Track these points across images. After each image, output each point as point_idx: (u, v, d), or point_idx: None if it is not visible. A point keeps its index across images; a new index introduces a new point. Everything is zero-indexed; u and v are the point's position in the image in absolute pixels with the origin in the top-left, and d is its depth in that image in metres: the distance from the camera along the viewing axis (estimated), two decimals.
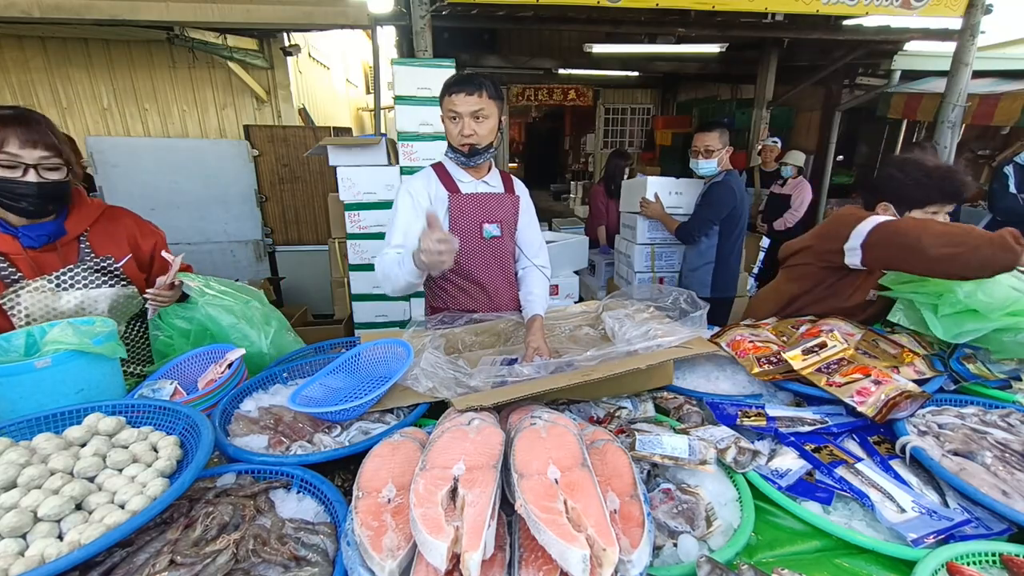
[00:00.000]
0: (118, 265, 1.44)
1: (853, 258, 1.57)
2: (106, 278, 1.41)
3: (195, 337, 1.48)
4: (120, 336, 1.38)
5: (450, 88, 1.54)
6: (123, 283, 1.45)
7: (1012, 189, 3.50)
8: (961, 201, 1.80)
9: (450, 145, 1.63)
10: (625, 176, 4.38)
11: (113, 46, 5.58)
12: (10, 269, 1.27)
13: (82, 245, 1.39)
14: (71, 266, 1.35)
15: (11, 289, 1.24)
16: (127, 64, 5.68)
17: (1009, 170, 3.51)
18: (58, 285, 1.30)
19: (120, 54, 5.64)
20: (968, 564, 0.79)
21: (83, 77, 5.63)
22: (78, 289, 1.32)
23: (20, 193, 1.20)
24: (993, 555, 0.80)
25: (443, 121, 1.61)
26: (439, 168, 1.72)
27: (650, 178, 3.20)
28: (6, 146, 1.16)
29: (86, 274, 1.37)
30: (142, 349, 1.56)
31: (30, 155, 1.18)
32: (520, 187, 1.83)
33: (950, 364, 1.37)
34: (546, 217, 5.23)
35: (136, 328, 1.55)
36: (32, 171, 1.19)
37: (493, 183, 1.75)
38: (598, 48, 6.47)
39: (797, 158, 4.71)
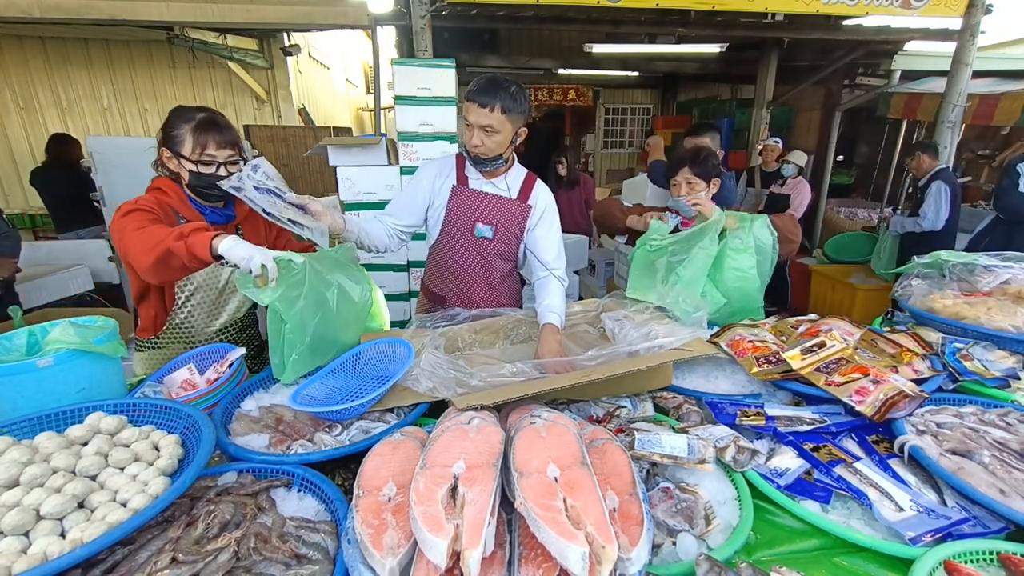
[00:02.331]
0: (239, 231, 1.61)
1: None
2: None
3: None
4: (239, 321, 1.68)
5: (470, 94, 1.55)
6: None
7: (1022, 188, 3.42)
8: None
9: (462, 143, 1.68)
10: (560, 169, 4.57)
11: (113, 46, 5.59)
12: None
13: (238, 232, 1.59)
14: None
15: None
16: (127, 64, 5.69)
17: (1022, 168, 3.40)
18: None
19: (120, 54, 5.64)
20: (966, 562, 0.79)
21: (83, 77, 5.63)
22: (231, 266, 1.43)
23: (212, 187, 1.43)
24: (990, 553, 0.81)
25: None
26: (460, 159, 1.77)
27: (650, 183, 3.19)
28: (207, 148, 1.41)
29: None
30: (251, 334, 1.77)
31: (222, 155, 1.43)
32: (540, 196, 1.80)
33: (947, 360, 1.37)
34: None
35: (249, 314, 1.74)
36: (223, 167, 1.44)
37: (503, 187, 1.76)
38: (598, 48, 6.47)
39: (799, 157, 4.70)
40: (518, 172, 1.80)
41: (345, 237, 1.52)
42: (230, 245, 1.18)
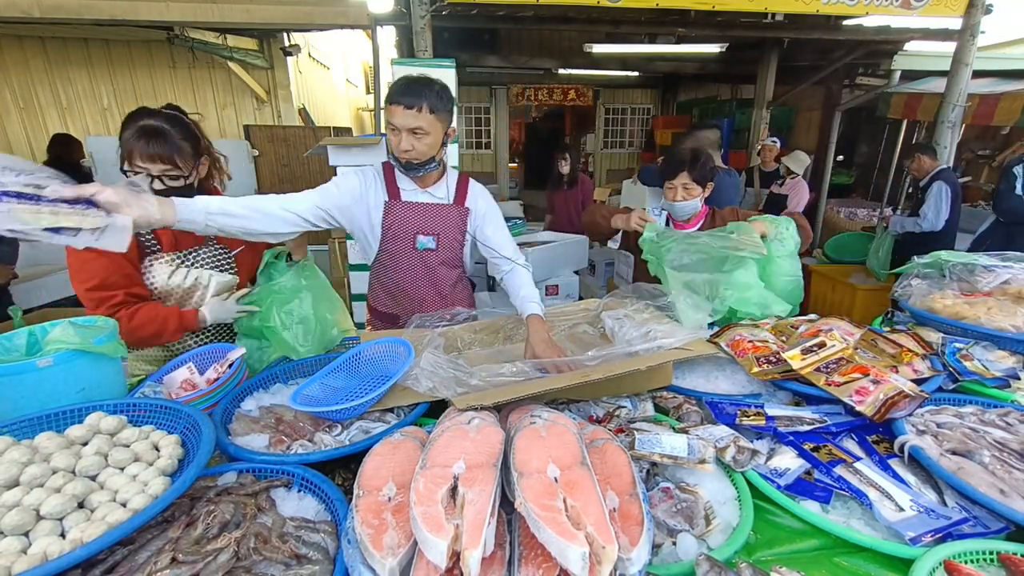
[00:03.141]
0: (231, 254, 1.64)
1: None
2: (219, 263, 1.61)
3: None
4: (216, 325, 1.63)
5: (391, 97, 1.47)
6: (231, 271, 1.63)
7: (1019, 191, 3.43)
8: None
9: (390, 151, 1.56)
10: (563, 167, 4.62)
11: (113, 46, 5.59)
12: (152, 240, 1.48)
13: None
14: (198, 247, 1.55)
15: (148, 256, 1.48)
16: (127, 64, 5.69)
17: (1018, 170, 3.42)
18: (182, 262, 1.52)
19: (120, 54, 5.64)
20: (966, 562, 0.79)
21: (83, 77, 5.63)
22: (196, 268, 1.55)
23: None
24: (991, 553, 0.81)
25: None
26: (388, 169, 1.67)
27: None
28: (132, 159, 1.38)
29: (206, 257, 1.58)
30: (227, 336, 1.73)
31: (154, 168, 1.39)
32: (478, 196, 1.75)
33: (947, 360, 1.37)
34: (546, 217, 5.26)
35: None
36: (157, 180, 1.40)
37: (439, 194, 1.69)
38: (598, 48, 6.48)
39: (798, 162, 4.67)
40: (451, 175, 1.73)
41: (184, 228, 1.24)
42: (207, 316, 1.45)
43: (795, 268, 1.85)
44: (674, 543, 0.85)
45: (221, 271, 1.59)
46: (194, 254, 1.55)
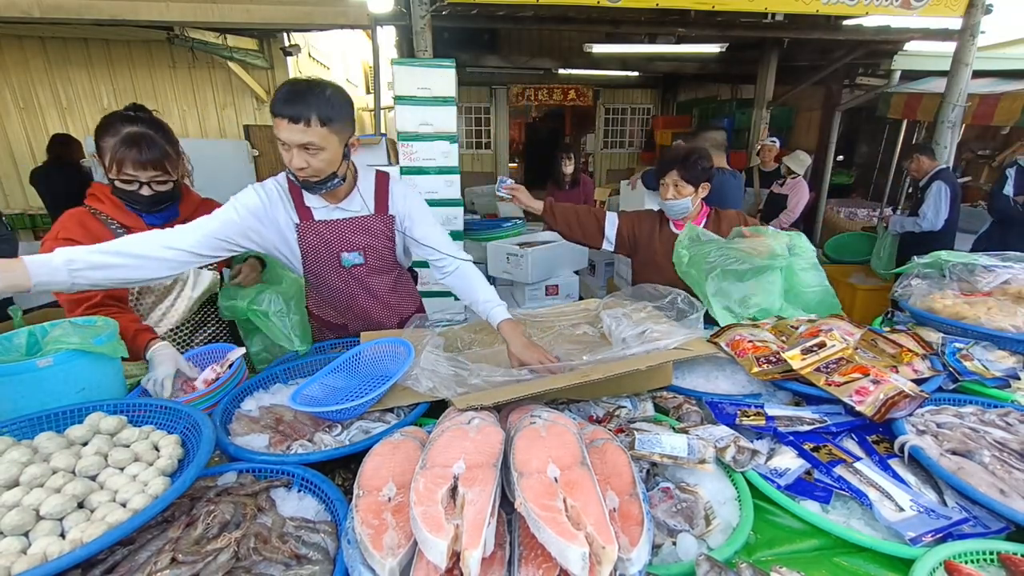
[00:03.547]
0: None
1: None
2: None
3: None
4: (196, 321, 1.64)
5: (274, 107, 1.26)
6: (210, 268, 1.62)
7: (1008, 191, 3.49)
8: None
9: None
10: (567, 166, 4.62)
11: (113, 46, 5.59)
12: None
13: None
14: None
15: None
16: (127, 64, 5.69)
17: (1011, 172, 3.49)
18: None
19: (120, 54, 5.64)
20: (966, 563, 0.79)
21: (83, 77, 5.63)
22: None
23: (137, 200, 1.44)
24: (991, 553, 0.81)
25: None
26: (294, 188, 1.48)
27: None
28: (124, 167, 1.37)
29: None
30: (218, 329, 1.72)
31: (143, 175, 1.40)
32: (399, 199, 1.57)
33: (947, 360, 1.37)
34: None
35: (209, 311, 1.70)
36: (145, 186, 1.42)
37: (354, 207, 1.52)
38: (598, 48, 6.48)
39: (799, 162, 4.67)
40: (367, 180, 1.54)
41: (45, 290, 1.09)
42: (154, 358, 1.28)
43: (820, 278, 1.79)
44: (674, 543, 0.85)
45: (200, 267, 1.56)
46: None
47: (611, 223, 2.20)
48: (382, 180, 1.58)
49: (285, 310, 1.50)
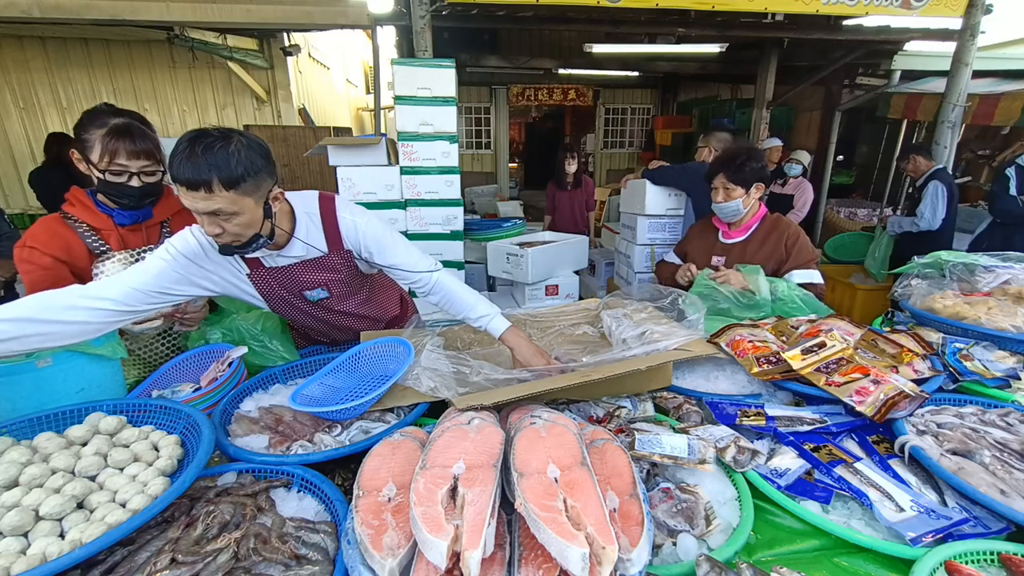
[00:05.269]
0: None
1: None
2: None
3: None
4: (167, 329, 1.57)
5: (170, 169, 1.06)
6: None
7: (1013, 191, 3.47)
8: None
9: None
10: (570, 165, 4.60)
11: (113, 46, 5.59)
12: (100, 242, 1.47)
13: (164, 230, 1.57)
14: (151, 245, 1.52)
15: (99, 259, 1.46)
16: (127, 64, 5.70)
17: (1011, 172, 3.48)
18: (136, 260, 1.48)
19: (120, 54, 5.65)
20: (966, 563, 0.79)
21: (83, 77, 5.64)
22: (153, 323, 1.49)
23: (125, 193, 1.42)
24: (991, 554, 0.81)
25: None
26: None
27: (649, 184, 3.18)
28: (117, 157, 1.35)
29: None
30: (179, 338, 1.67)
31: (134, 164, 1.38)
32: (353, 232, 1.38)
33: (947, 360, 1.37)
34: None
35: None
36: (135, 177, 1.40)
37: (298, 252, 1.36)
38: (598, 48, 6.47)
39: (803, 157, 4.70)
40: (309, 222, 1.35)
41: None
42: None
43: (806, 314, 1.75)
44: (674, 543, 0.84)
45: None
46: (146, 253, 1.48)
47: (671, 259, 2.27)
48: (328, 214, 1.38)
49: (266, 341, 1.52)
